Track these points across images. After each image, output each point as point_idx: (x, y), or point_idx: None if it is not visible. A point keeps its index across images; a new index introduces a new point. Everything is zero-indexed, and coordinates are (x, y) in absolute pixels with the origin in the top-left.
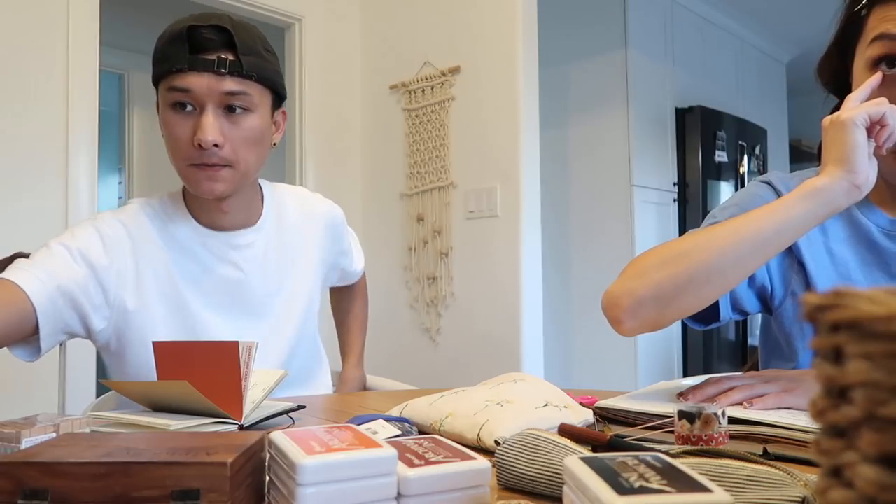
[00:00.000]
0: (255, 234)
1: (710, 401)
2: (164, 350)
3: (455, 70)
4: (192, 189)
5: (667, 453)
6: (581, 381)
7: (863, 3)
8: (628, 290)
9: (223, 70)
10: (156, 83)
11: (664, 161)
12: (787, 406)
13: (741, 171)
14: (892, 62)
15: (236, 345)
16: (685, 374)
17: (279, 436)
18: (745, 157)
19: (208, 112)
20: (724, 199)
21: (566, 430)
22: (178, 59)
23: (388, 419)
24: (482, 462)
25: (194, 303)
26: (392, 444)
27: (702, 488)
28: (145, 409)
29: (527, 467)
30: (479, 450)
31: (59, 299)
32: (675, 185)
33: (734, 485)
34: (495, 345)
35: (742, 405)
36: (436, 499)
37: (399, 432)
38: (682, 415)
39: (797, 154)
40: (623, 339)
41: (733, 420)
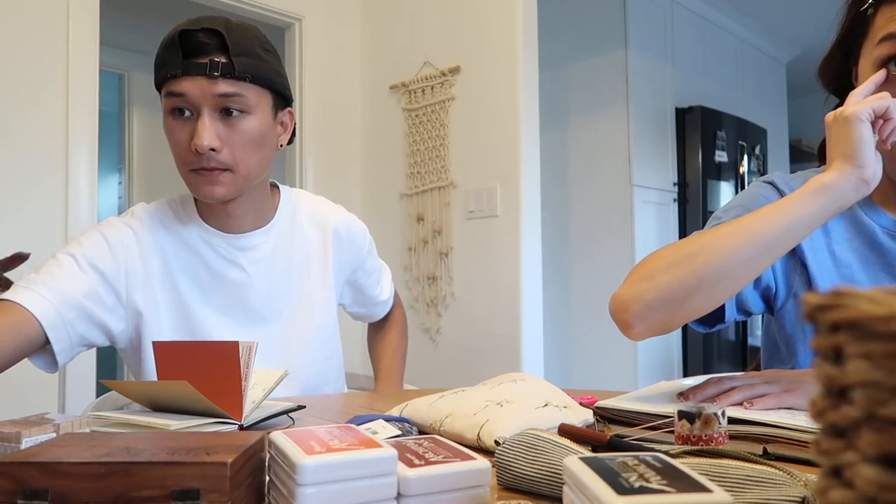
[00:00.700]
0: (263, 237)
1: (711, 401)
2: (164, 350)
3: (455, 70)
4: (194, 193)
5: (667, 453)
6: (581, 381)
7: (869, 3)
8: (637, 294)
9: (215, 73)
10: (158, 90)
11: (664, 161)
12: (787, 406)
13: (741, 171)
14: None
15: (236, 345)
16: (685, 374)
17: (279, 436)
18: (745, 157)
19: (204, 116)
20: (725, 199)
21: (566, 430)
22: (172, 64)
23: (388, 419)
24: (482, 462)
25: (197, 303)
26: (392, 444)
27: (702, 488)
28: (145, 409)
29: (527, 467)
30: (479, 450)
31: (69, 313)
32: (675, 185)
33: (734, 485)
34: (495, 345)
35: (742, 405)
36: (436, 499)
37: (399, 432)
38: (682, 415)
39: (797, 154)
40: (623, 339)
41: (733, 420)
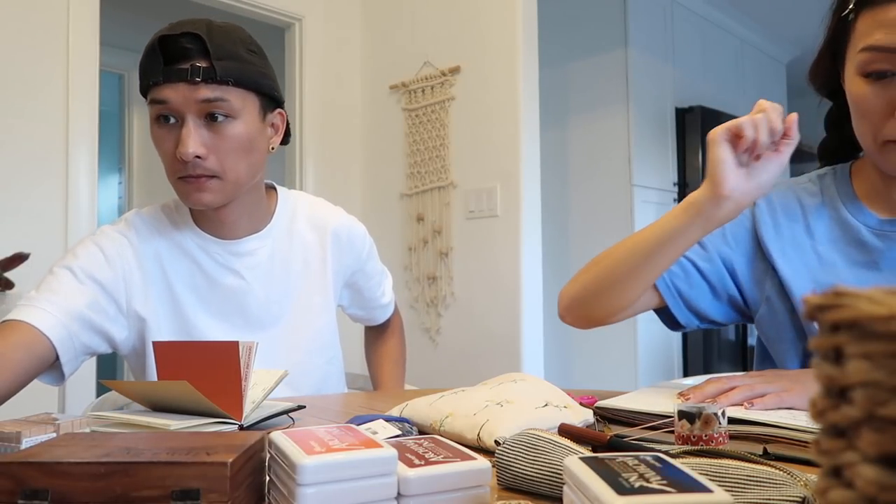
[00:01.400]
0: (259, 241)
1: (711, 401)
2: (164, 350)
3: (455, 70)
4: (183, 201)
5: (667, 453)
6: (581, 381)
7: (850, 9)
8: (565, 291)
9: (197, 78)
10: (144, 96)
11: (664, 161)
12: (787, 406)
13: None
14: (880, 74)
15: (236, 345)
16: (685, 374)
17: (279, 436)
18: None
19: (188, 123)
20: None
21: (566, 430)
22: (153, 71)
23: (388, 419)
24: (482, 462)
25: (194, 310)
26: (392, 444)
27: (702, 488)
28: (145, 409)
29: (527, 467)
30: (479, 450)
31: (73, 325)
32: (675, 185)
33: (734, 485)
34: (495, 345)
35: (742, 405)
36: (436, 499)
37: (399, 432)
38: (682, 415)
39: (797, 154)
40: (623, 340)
41: (733, 420)
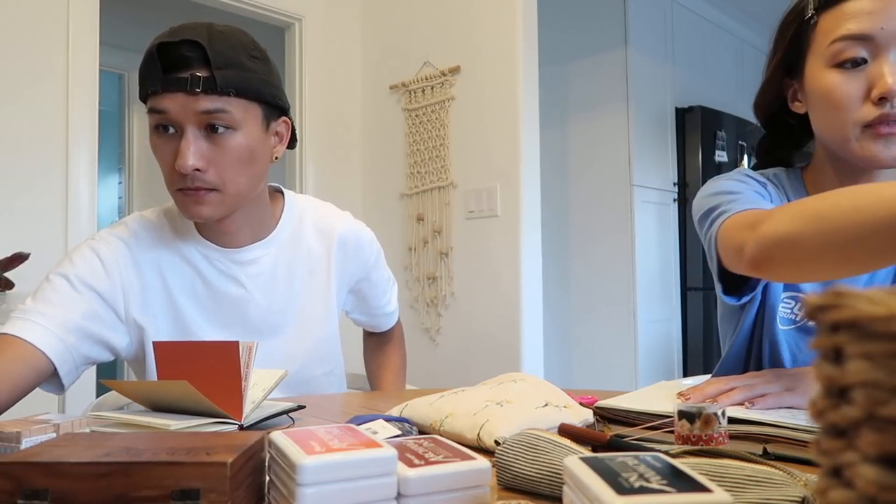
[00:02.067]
0: (262, 250)
1: (711, 401)
2: (164, 350)
3: (455, 70)
4: (182, 213)
5: (667, 453)
6: (581, 381)
7: (811, 14)
8: (772, 230)
9: (196, 89)
10: (144, 103)
11: (664, 161)
12: (787, 406)
13: None
14: (854, 62)
15: (236, 345)
16: (685, 374)
17: (279, 436)
18: (745, 157)
19: (187, 135)
20: None
21: (566, 430)
22: (152, 79)
23: (388, 419)
24: (482, 462)
25: (194, 318)
26: (392, 444)
27: (702, 488)
28: (145, 409)
29: (527, 467)
30: (479, 450)
31: (70, 338)
32: (675, 185)
33: (734, 485)
34: (495, 345)
35: (743, 405)
36: (436, 499)
37: (399, 432)
38: (682, 415)
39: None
40: (623, 340)
41: (733, 420)
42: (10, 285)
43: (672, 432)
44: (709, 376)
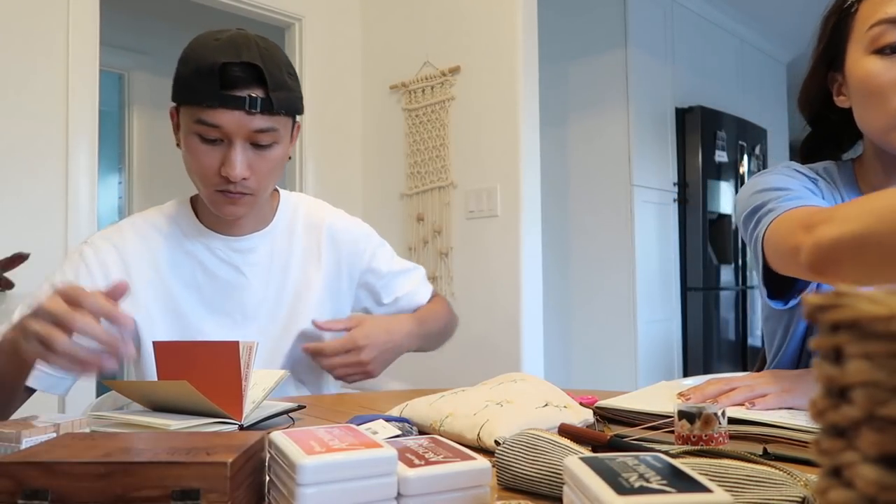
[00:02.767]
0: (260, 239)
1: (711, 401)
2: (164, 350)
3: (455, 70)
4: (214, 210)
5: (667, 453)
6: (581, 381)
7: (848, 3)
8: (830, 232)
9: (254, 109)
10: (178, 105)
11: (664, 161)
12: (787, 406)
13: (741, 171)
14: (894, 48)
15: (236, 344)
16: (685, 374)
17: (279, 436)
18: (745, 157)
19: (237, 147)
20: (725, 199)
21: (566, 430)
22: (207, 94)
23: (388, 419)
24: (482, 462)
25: (193, 308)
26: (392, 444)
27: (702, 488)
28: (145, 409)
29: (527, 467)
30: (479, 450)
31: None
32: (675, 185)
33: (734, 485)
34: (495, 345)
35: (743, 405)
36: (436, 499)
37: (399, 432)
38: (682, 415)
39: (797, 154)
40: (623, 340)
41: (733, 420)
42: (10, 285)
43: (672, 432)
44: (709, 376)
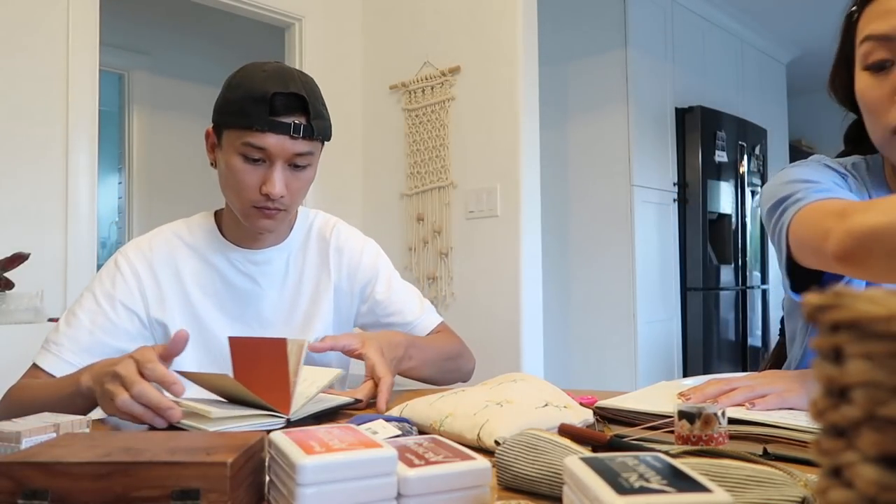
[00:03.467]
0: (276, 253)
1: (711, 401)
2: (236, 345)
3: (455, 70)
4: (246, 223)
5: (667, 453)
6: (581, 381)
7: (853, 8)
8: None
9: (297, 134)
10: (221, 126)
11: (664, 161)
12: (788, 406)
13: (741, 171)
14: (880, 65)
15: (285, 342)
16: (685, 374)
17: (279, 436)
18: (745, 157)
19: (278, 168)
20: (725, 199)
21: (566, 430)
22: (258, 119)
23: (388, 419)
24: (482, 462)
25: (211, 314)
26: (392, 444)
27: (702, 488)
28: (215, 396)
29: (527, 467)
30: (479, 450)
31: (94, 357)
32: (675, 185)
33: (734, 485)
34: (495, 345)
35: (744, 405)
36: (436, 499)
37: (399, 432)
38: (682, 415)
39: (797, 154)
40: (623, 339)
41: (733, 420)
42: (10, 285)
43: (672, 432)
44: (709, 376)
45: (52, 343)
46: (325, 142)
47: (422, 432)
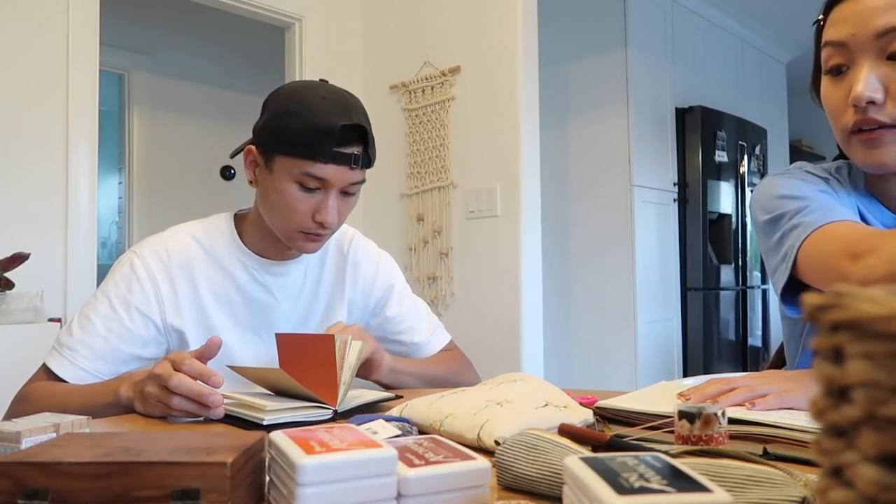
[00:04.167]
0: (295, 265)
1: (711, 401)
2: (283, 341)
3: (455, 70)
4: (289, 244)
5: (667, 453)
6: (581, 381)
7: (820, 17)
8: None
9: (356, 165)
10: (274, 151)
11: (664, 161)
12: (788, 406)
13: (741, 171)
14: (837, 70)
15: (332, 338)
16: (685, 374)
17: (279, 436)
18: (745, 157)
19: (333, 196)
20: (725, 199)
21: (566, 430)
22: (322, 152)
23: (388, 419)
24: (482, 462)
25: (222, 322)
26: (392, 444)
27: (702, 488)
28: (266, 391)
29: (527, 467)
30: (479, 450)
31: (101, 364)
32: (675, 185)
33: (734, 485)
34: (495, 344)
35: (743, 405)
36: (436, 499)
37: (399, 432)
38: (682, 415)
39: (797, 154)
40: (623, 340)
41: (733, 420)
42: (10, 285)
43: (672, 432)
44: (709, 376)
45: (66, 348)
46: None
47: (422, 432)
